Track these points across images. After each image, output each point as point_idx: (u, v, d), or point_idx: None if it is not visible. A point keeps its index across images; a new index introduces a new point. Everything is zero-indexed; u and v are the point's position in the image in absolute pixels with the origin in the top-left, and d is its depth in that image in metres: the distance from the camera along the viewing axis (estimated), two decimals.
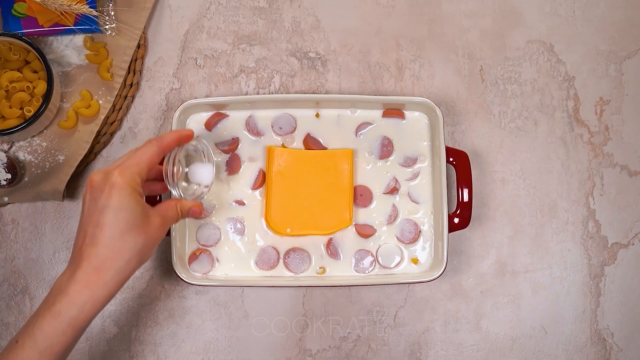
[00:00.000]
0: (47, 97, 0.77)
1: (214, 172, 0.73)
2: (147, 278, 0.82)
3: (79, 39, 0.83)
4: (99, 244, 0.59)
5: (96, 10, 0.81)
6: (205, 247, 0.79)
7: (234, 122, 0.81)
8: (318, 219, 0.79)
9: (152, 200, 0.76)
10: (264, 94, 0.85)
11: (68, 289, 0.58)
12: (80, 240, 0.61)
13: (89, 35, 0.83)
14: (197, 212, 0.70)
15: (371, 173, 0.81)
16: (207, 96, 0.85)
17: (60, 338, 0.58)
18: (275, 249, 0.80)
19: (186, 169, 0.72)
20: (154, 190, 0.73)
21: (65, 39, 0.83)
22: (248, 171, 0.81)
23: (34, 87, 0.78)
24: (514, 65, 0.86)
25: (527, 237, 0.84)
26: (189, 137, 0.70)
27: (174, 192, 0.70)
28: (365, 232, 0.80)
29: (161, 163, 0.69)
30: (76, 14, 0.80)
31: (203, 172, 0.72)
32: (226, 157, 0.81)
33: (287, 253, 0.79)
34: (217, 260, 0.79)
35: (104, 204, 0.60)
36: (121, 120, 0.84)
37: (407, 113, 0.82)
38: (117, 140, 0.84)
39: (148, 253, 0.63)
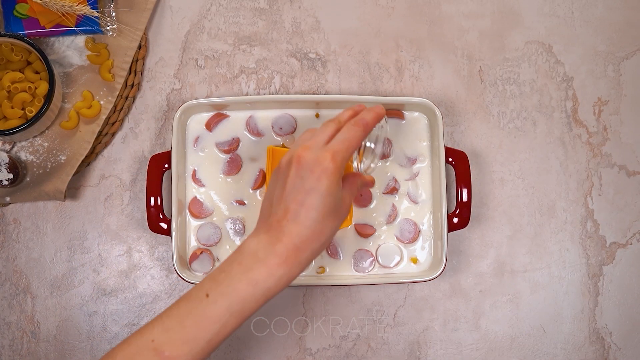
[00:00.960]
0: (48, 97, 0.77)
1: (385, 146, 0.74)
2: (149, 278, 0.82)
3: (80, 39, 0.83)
4: (302, 224, 0.59)
5: (97, 11, 0.81)
6: (206, 247, 0.80)
7: (235, 123, 0.82)
8: None
9: None
10: (264, 94, 0.85)
11: (267, 260, 0.59)
12: (281, 213, 0.60)
13: (91, 36, 0.83)
14: (372, 184, 0.72)
15: (371, 173, 0.81)
16: (207, 97, 0.85)
17: (253, 304, 0.59)
18: None
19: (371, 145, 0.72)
20: None
21: (67, 39, 0.83)
22: (248, 171, 0.81)
23: (36, 88, 0.79)
24: (512, 65, 0.86)
25: (526, 237, 0.84)
26: (383, 114, 0.68)
27: (359, 167, 0.72)
28: (365, 231, 0.80)
29: None
30: (77, 15, 0.81)
31: (378, 149, 0.72)
32: (227, 157, 0.81)
33: None
34: (218, 259, 0.79)
35: (313, 186, 0.60)
36: (122, 120, 0.84)
37: (406, 113, 0.82)
38: (119, 141, 0.84)
39: (336, 234, 0.65)
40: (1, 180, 0.79)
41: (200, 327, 0.58)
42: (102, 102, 0.82)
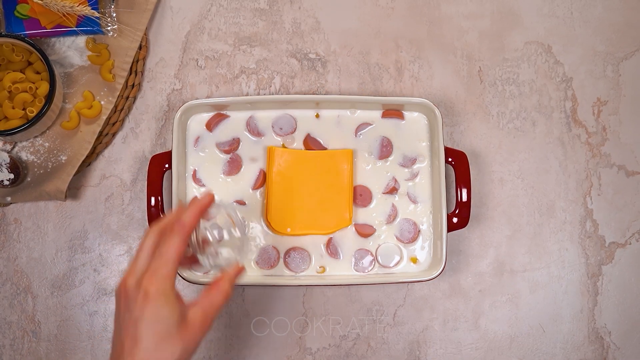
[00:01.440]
0: (49, 97, 0.77)
1: (244, 228, 0.68)
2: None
3: (81, 40, 0.84)
4: (137, 358, 0.57)
5: (98, 12, 0.81)
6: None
7: (235, 123, 0.82)
8: (318, 219, 0.80)
9: None
10: (264, 94, 0.86)
11: None
12: (119, 349, 0.59)
13: (91, 36, 0.84)
14: (242, 272, 0.65)
15: (371, 173, 0.82)
16: (208, 97, 0.85)
17: None
18: (275, 248, 0.80)
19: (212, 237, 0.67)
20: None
21: (68, 40, 0.83)
22: (249, 171, 0.81)
23: (37, 88, 0.79)
24: (512, 66, 0.86)
25: (525, 237, 0.84)
26: (208, 203, 0.64)
27: (210, 263, 0.66)
28: (365, 231, 0.80)
29: None
30: (78, 16, 0.81)
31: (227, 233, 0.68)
32: (227, 157, 0.81)
33: (288, 252, 0.80)
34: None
35: (138, 316, 0.58)
36: (123, 120, 0.84)
37: (406, 114, 0.82)
38: (119, 141, 0.85)
39: (189, 354, 0.60)
40: (2, 180, 0.79)
41: None
42: (102, 103, 0.82)
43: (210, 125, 0.81)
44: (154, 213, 0.78)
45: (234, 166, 0.81)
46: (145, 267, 0.60)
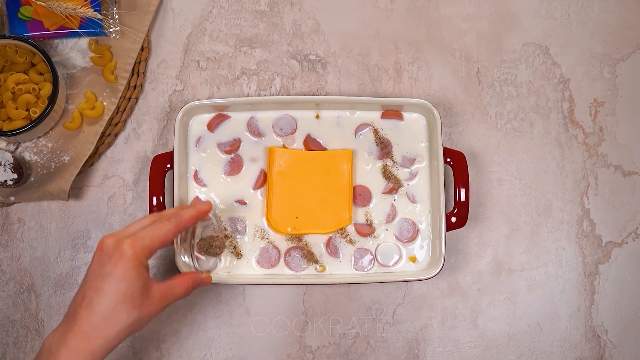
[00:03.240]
0: (52, 98, 0.78)
1: (224, 243, 0.76)
2: (151, 276, 0.83)
3: (83, 41, 0.84)
4: (93, 310, 0.59)
5: (100, 14, 0.82)
6: None
7: (236, 123, 0.83)
8: (318, 218, 0.81)
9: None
10: (265, 95, 0.86)
11: (58, 353, 0.58)
12: (78, 301, 0.61)
13: (94, 38, 0.84)
14: (208, 282, 0.73)
15: (370, 173, 0.82)
16: (209, 98, 0.86)
17: None
18: (276, 247, 0.81)
19: (198, 240, 0.74)
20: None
21: (70, 41, 0.84)
22: (249, 171, 0.82)
23: (40, 89, 0.80)
24: (510, 67, 0.87)
25: (523, 236, 0.85)
26: (206, 212, 0.71)
27: (191, 265, 0.73)
28: (365, 231, 0.81)
29: None
30: (81, 17, 0.82)
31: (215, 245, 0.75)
32: (228, 157, 0.82)
33: (288, 252, 0.81)
34: (219, 258, 0.80)
35: (108, 271, 0.60)
36: (125, 121, 0.85)
37: (405, 114, 0.83)
38: (121, 141, 0.85)
39: (140, 326, 0.63)
40: (6, 180, 0.79)
41: None
42: (105, 103, 0.83)
43: (212, 126, 0.82)
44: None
45: (234, 166, 0.82)
46: (130, 235, 0.63)
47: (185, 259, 0.73)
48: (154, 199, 0.78)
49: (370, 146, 0.82)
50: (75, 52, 0.84)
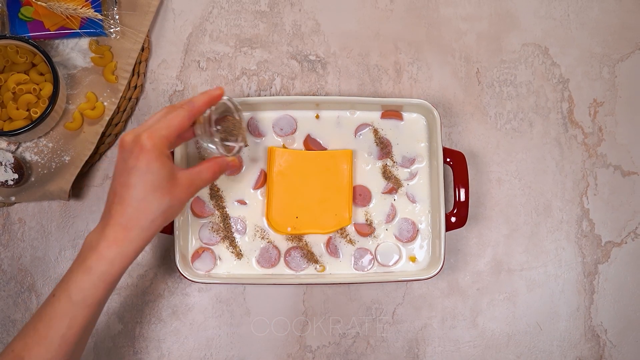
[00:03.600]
0: (53, 99, 0.78)
1: (244, 125, 0.75)
2: (151, 276, 0.84)
3: (84, 42, 0.84)
4: (126, 204, 0.62)
5: (101, 14, 0.82)
6: (207, 246, 0.81)
7: None
8: (318, 218, 0.81)
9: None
10: (265, 95, 0.86)
11: (98, 246, 0.62)
12: (111, 198, 0.64)
13: (94, 38, 0.84)
14: (237, 165, 0.73)
15: (370, 173, 0.83)
16: None
17: (93, 291, 0.61)
18: (276, 247, 0.81)
19: (218, 127, 0.73)
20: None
21: (71, 42, 0.84)
22: (249, 171, 0.82)
23: (40, 89, 0.80)
24: (509, 67, 0.87)
25: (523, 236, 0.85)
26: (219, 96, 0.71)
27: (215, 150, 0.72)
28: (364, 230, 0.81)
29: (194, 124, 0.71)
30: (81, 18, 0.82)
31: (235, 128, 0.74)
32: None
33: (288, 251, 0.81)
34: (219, 258, 0.81)
35: (132, 165, 0.62)
36: (125, 121, 0.85)
37: (405, 114, 0.83)
38: None
39: (173, 213, 0.65)
40: (6, 180, 0.80)
41: (51, 326, 0.61)
42: (105, 104, 0.83)
43: None
44: None
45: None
46: (147, 128, 0.64)
47: (209, 145, 0.72)
48: None
49: (370, 146, 0.83)
50: (75, 52, 0.84)
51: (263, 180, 0.82)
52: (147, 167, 0.62)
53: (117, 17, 0.84)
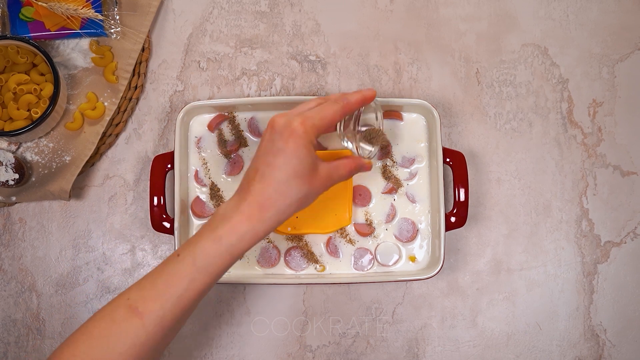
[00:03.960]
0: (53, 99, 0.78)
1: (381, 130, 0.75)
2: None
3: (84, 42, 0.85)
4: (266, 183, 0.62)
5: (102, 15, 0.82)
6: None
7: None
8: (318, 218, 0.81)
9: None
10: (265, 96, 0.87)
11: (232, 218, 0.62)
12: (252, 175, 0.64)
13: (95, 38, 0.85)
14: (369, 168, 0.72)
15: (370, 173, 0.83)
16: (210, 98, 0.86)
17: (217, 260, 0.61)
18: (276, 247, 0.81)
19: (362, 128, 0.73)
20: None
21: (72, 42, 0.85)
22: None
23: (41, 90, 0.80)
24: (509, 68, 0.87)
25: (522, 236, 0.85)
26: (371, 97, 0.70)
27: (354, 150, 0.72)
28: (364, 230, 0.82)
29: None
30: (82, 18, 0.82)
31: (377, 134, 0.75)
32: (229, 157, 0.82)
33: (288, 251, 0.81)
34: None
35: (280, 147, 0.62)
36: (126, 121, 0.86)
37: (405, 115, 0.83)
38: (122, 141, 0.86)
39: (308, 201, 0.65)
40: (7, 180, 0.80)
41: (170, 284, 0.61)
42: (106, 104, 0.84)
43: (212, 126, 0.82)
44: (157, 212, 0.79)
45: (235, 166, 0.82)
46: (299, 114, 0.64)
47: (349, 144, 0.72)
48: (155, 199, 0.79)
49: None
50: (76, 52, 0.84)
51: None
52: (295, 152, 0.62)
53: (117, 17, 0.84)
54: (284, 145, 0.62)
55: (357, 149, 0.72)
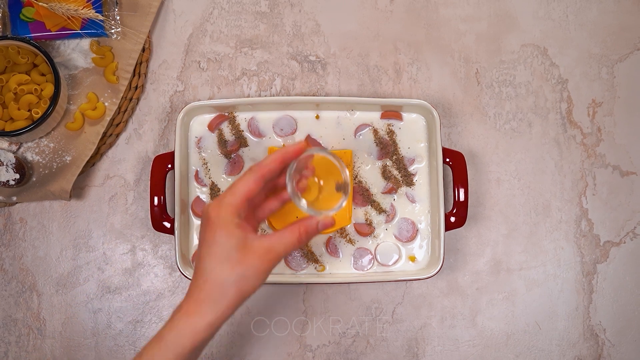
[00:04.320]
0: (54, 99, 0.78)
1: (348, 180, 0.68)
2: (152, 275, 0.84)
3: (85, 42, 0.85)
4: (198, 275, 0.62)
5: (102, 15, 0.83)
6: None
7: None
8: None
9: None
10: (265, 96, 0.87)
11: (173, 317, 0.62)
12: (193, 272, 0.64)
13: (95, 39, 0.85)
14: (329, 224, 0.66)
15: (370, 173, 0.83)
16: (210, 98, 0.86)
17: (170, 357, 0.61)
18: None
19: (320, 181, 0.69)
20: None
21: (72, 42, 0.85)
22: None
23: (42, 90, 0.80)
24: (508, 68, 0.88)
25: (522, 236, 0.86)
26: (296, 152, 0.65)
27: (305, 209, 0.65)
28: (364, 230, 0.82)
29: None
30: (83, 19, 0.82)
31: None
32: (229, 157, 0.83)
33: None
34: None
35: (202, 238, 0.63)
36: (126, 121, 0.86)
37: (404, 115, 0.83)
38: (123, 142, 0.86)
39: (249, 283, 0.62)
40: (8, 180, 0.80)
41: None
42: (106, 104, 0.84)
43: (212, 126, 0.82)
44: (157, 212, 0.79)
45: (235, 166, 0.82)
46: (217, 198, 0.64)
47: (301, 203, 0.65)
48: (155, 198, 0.79)
49: (369, 146, 0.83)
50: (76, 53, 0.85)
51: None
52: (214, 239, 0.61)
53: (118, 18, 0.84)
54: (204, 234, 0.62)
55: (302, 208, 0.65)
